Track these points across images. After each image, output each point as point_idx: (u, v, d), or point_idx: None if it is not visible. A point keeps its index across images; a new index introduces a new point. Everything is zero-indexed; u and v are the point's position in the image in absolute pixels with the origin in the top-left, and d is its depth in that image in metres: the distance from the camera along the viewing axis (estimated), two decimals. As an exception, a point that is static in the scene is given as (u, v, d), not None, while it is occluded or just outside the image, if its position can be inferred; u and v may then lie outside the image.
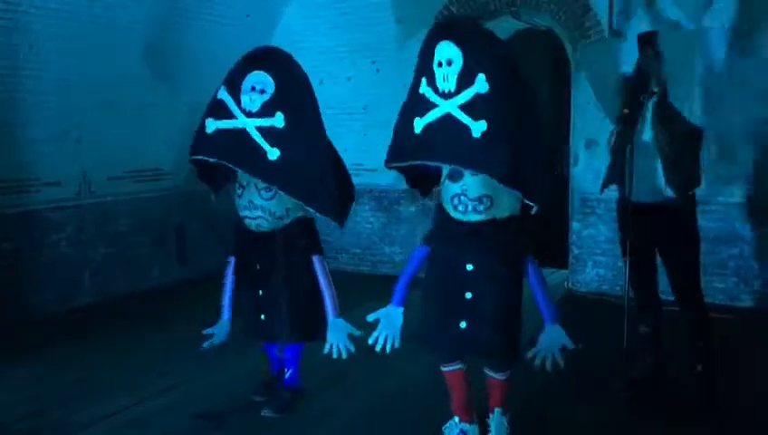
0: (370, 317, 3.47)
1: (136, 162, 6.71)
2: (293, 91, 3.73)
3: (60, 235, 6.07)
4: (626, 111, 3.93)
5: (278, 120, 3.64)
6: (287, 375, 4.12)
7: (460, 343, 3.38)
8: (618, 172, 4.03)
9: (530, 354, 3.32)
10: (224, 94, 3.74)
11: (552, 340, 3.33)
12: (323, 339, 3.79)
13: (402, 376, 4.42)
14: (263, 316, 3.93)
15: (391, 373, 4.43)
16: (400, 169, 3.60)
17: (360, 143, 7.43)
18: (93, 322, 5.74)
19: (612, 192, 4.25)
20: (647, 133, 3.92)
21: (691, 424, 3.80)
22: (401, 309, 3.49)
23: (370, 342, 3.44)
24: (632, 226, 3.97)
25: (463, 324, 3.34)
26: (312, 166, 3.69)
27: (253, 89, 3.65)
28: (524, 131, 3.20)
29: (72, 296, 6.14)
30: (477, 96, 3.14)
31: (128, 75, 6.37)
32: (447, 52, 3.19)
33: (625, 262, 4.12)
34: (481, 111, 3.13)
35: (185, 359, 4.79)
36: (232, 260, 4.07)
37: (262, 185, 3.75)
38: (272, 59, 3.80)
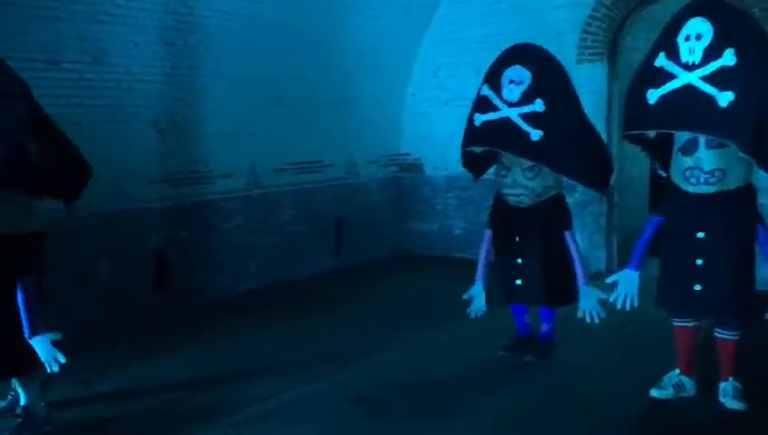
0: (609, 279, 3.97)
1: (299, 155, 7.03)
2: (549, 79, 4.31)
3: (230, 224, 6.48)
4: None
5: (538, 106, 4.20)
6: (544, 329, 4.71)
7: (695, 303, 3.75)
8: None
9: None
10: (486, 90, 4.39)
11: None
12: (575, 303, 4.39)
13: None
14: (518, 281, 4.48)
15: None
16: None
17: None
18: (260, 306, 6.07)
19: None
20: None
21: None
22: (638, 273, 3.89)
23: (611, 300, 3.93)
24: None
25: (697, 287, 3.69)
26: (573, 142, 4.23)
27: (511, 81, 4.27)
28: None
29: (241, 282, 6.54)
30: (723, 69, 3.37)
31: (292, 72, 6.66)
32: (698, 27, 3.46)
33: None
34: (727, 83, 3.36)
35: (346, 343, 4.98)
36: (488, 232, 4.64)
37: (525, 165, 4.33)
38: (525, 54, 4.41)
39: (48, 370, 3.43)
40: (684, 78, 3.47)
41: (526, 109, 4.21)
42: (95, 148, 5.27)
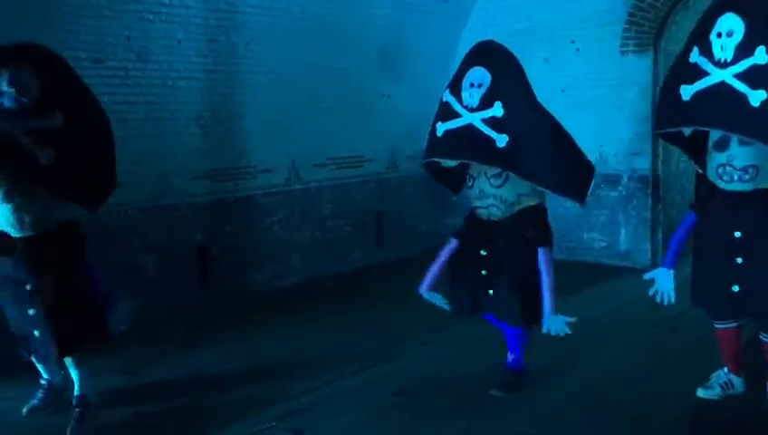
0: (647, 276, 3.86)
1: (338, 150, 7.05)
2: (508, 81, 3.88)
3: (272, 218, 6.55)
4: None
5: (497, 110, 3.78)
6: (509, 359, 4.20)
7: (734, 305, 3.63)
8: None
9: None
10: (447, 96, 3.98)
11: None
12: (530, 328, 4.03)
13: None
14: (490, 292, 4.01)
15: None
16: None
17: (558, 127, 7.22)
18: (302, 300, 6.12)
19: None
20: None
21: None
22: (672, 272, 3.79)
23: (650, 294, 3.81)
24: None
25: (735, 288, 3.58)
26: (540, 147, 3.82)
27: (471, 85, 3.85)
28: None
29: (283, 276, 6.60)
30: (755, 66, 3.28)
31: (332, 67, 6.68)
32: (730, 23, 3.36)
33: None
34: (759, 81, 3.27)
35: (387, 336, 4.99)
36: (453, 242, 4.15)
37: (491, 173, 3.90)
38: (485, 54, 3.96)
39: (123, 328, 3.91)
40: (717, 75, 3.40)
41: (487, 114, 3.80)
42: (140, 144, 5.43)
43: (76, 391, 3.87)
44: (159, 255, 5.64)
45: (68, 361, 3.84)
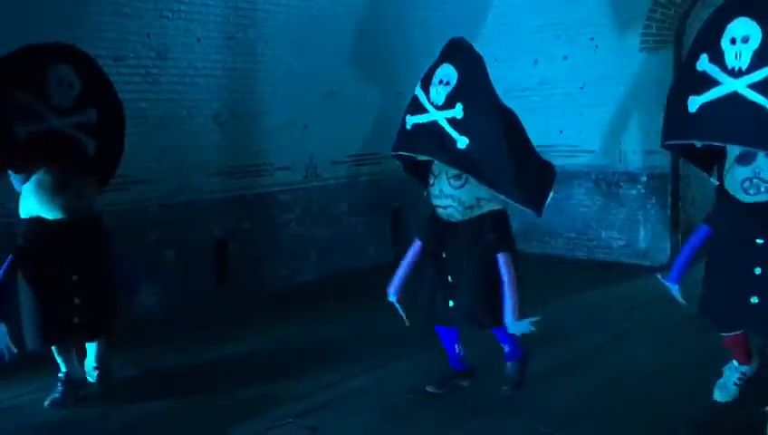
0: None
1: (356, 147, 7.06)
2: (471, 83, 3.76)
3: (290, 215, 6.57)
4: None
5: (458, 111, 3.70)
6: (506, 351, 4.11)
7: (749, 318, 3.49)
8: None
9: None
10: (418, 90, 3.90)
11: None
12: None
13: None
14: (451, 303, 3.91)
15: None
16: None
17: (577, 124, 7.18)
18: (319, 297, 6.14)
19: None
20: None
21: None
22: (677, 286, 3.66)
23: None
24: None
25: (754, 299, 3.41)
26: (498, 154, 3.68)
27: (440, 82, 3.77)
28: None
29: (300, 272, 6.63)
30: None
31: (349, 65, 6.70)
32: (745, 28, 3.14)
33: None
34: None
35: (404, 334, 4.97)
36: (417, 243, 4.08)
37: (451, 173, 3.80)
38: (455, 51, 3.88)
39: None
40: (729, 85, 3.17)
41: (449, 113, 3.72)
42: (160, 141, 5.47)
43: (94, 363, 4.13)
44: (178, 250, 5.69)
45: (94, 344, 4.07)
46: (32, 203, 3.82)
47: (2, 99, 3.70)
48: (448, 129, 3.71)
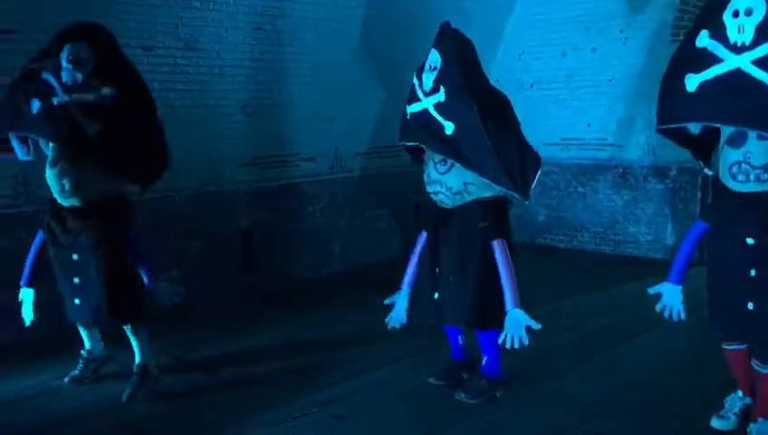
0: (652, 291, 3.49)
1: (381, 139, 7.04)
2: (452, 66, 3.72)
3: (315, 206, 6.59)
4: None
5: (441, 95, 3.69)
6: (483, 363, 3.98)
7: (746, 326, 3.22)
8: None
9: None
10: (414, 78, 3.90)
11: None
12: (501, 328, 3.67)
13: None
14: (436, 295, 3.86)
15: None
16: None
17: (605, 117, 7.11)
18: (343, 289, 6.15)
19: None
20: None
21: None
22: (679, 287, 3.43)
23: (657, 310, 3.46)
24: None
25: (750, 305, 3.13)
26: (478, 136, 3.62)
27: (430, 68, 3.77)
28: None
29: (324, 263, 6.65)
30: None
31: (375, 56, 6.68)
32: (748, 0, 2.94)
33: None
34: None
35: (429, 327, 4.96)
36: (423, 235, 4.02)
37: (438, 158, 3.78)
38: (440, 36, 3.87)
39: (170, 303, 3.91)
40: (731, 62, 2.94)
41: (435, 98, 3.69)
42: (188, 131, 5.50)
43: (136, 360, 4.07)
44: (204, 240, 5.73)
45: (127, 329, 4.04)
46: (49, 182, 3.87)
47: (22, 72, 3.78)
48: (436, 115, 3.71)
